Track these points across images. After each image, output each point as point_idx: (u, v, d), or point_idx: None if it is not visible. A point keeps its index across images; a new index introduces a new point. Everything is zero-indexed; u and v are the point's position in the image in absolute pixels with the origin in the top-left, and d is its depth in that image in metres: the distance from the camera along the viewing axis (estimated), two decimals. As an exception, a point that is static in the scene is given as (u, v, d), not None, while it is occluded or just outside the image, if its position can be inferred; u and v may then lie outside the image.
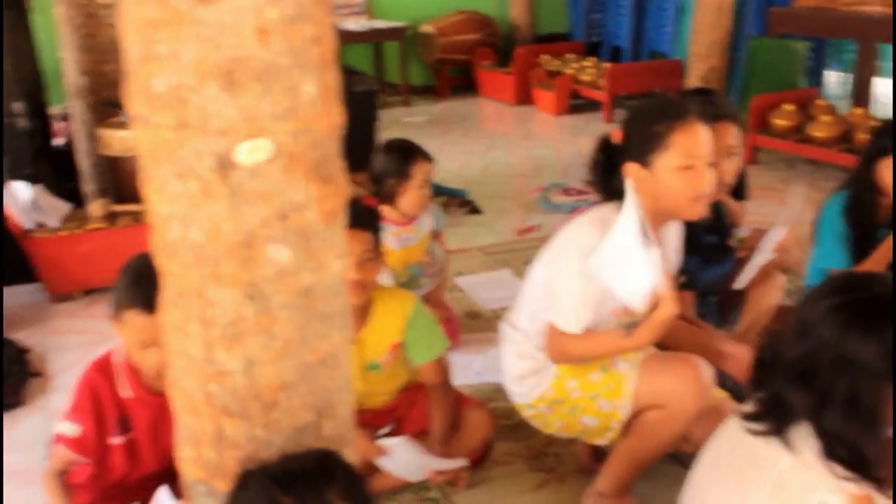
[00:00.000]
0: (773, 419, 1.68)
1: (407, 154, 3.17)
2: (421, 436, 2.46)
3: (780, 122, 5.86)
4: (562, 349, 2.22)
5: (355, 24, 8.06)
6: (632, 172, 2.16)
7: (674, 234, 2.39)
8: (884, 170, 3.04)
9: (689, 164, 2.10)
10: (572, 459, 2.64)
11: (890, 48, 8.87)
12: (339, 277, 1.36)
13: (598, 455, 2.50)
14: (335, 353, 1.40)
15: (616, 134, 2.23)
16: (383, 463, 2.35)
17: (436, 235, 3.43)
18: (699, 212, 2.17)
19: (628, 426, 2.26)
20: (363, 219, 2.25)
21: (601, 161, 2.27)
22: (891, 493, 1.63)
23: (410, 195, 3.18)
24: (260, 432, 1.37)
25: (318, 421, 1.42)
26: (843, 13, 6.14)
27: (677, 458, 2.48)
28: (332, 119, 1.29)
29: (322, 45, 1.24)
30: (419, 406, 2.51)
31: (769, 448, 1.67)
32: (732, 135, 2.77)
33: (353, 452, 1.51)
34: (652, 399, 2.19)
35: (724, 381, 2.46)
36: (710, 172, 2.14)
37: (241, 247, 1.26)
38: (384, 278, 3.11)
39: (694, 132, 2.10)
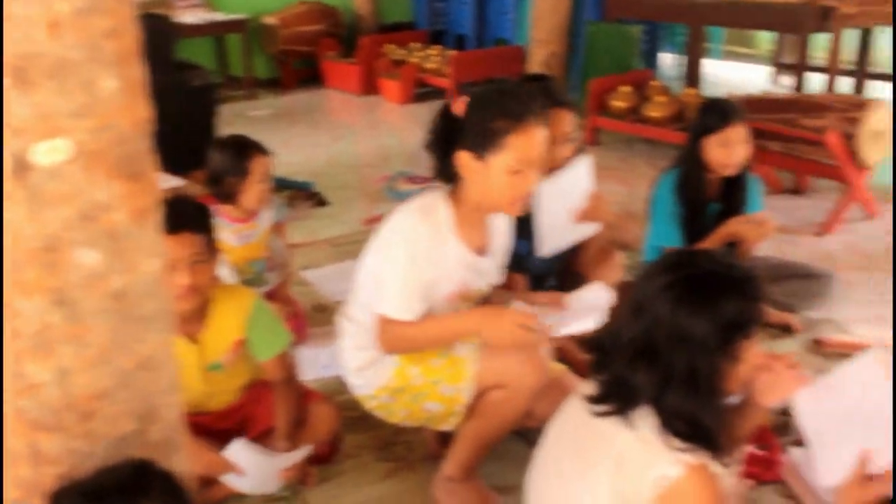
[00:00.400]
0: (616, 400, 1.72)
1: (242, 150, 3.10)
2: (267, 434, 2.42)
3: (617, 103, 6.04)
4: (393, 338, 2.22)
5: (194, 17, 7.84)
6: (464, 161, 2.16)
7: (503, 219, 2.42)
8: (709, 147, 3.17)
9: (521, 168, 2.12)
10: (422, 447, 2.66)
11: (718, 30, 9.29)
12: (154, 278, 1.31)
13: (447, 440, 2.52)
14: (155, 356, 1.36)
15: (459, 105, 2.18)
16: (232, 481, 2.31)
17: (277, 228, 3.38)
18: (517, 211, 2.24)
19: (472, 408, 2.28)
20: (191, 219, 2.18)
21: (439, 128, 2.23)
22: (725, 459, 1.71)
23: (251, 191, 3.11)
24: (78, 445, 1.31)
25: (141, 428, 1.37)
26: (672, -2, 6.38)
27: (522, 436, 2.52)
28: (136, 114, 1.24)
29: (120, 37, 1.19)
30: (265, 404, 2.47)
31: (610, 425, 1.71)
32: (567, 121, 2.83)
33: (183, 458, 1.47)
34: (493, 379, 2.22)
35: (561, 355, 2.52)
36: (537, 175, 2.18)
37: (44, 251, 1.20)
38: (227, 276, 3.05)
39: (531, 136, 2.12)
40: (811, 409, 1.93)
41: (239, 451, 2.30)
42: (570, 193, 2.85)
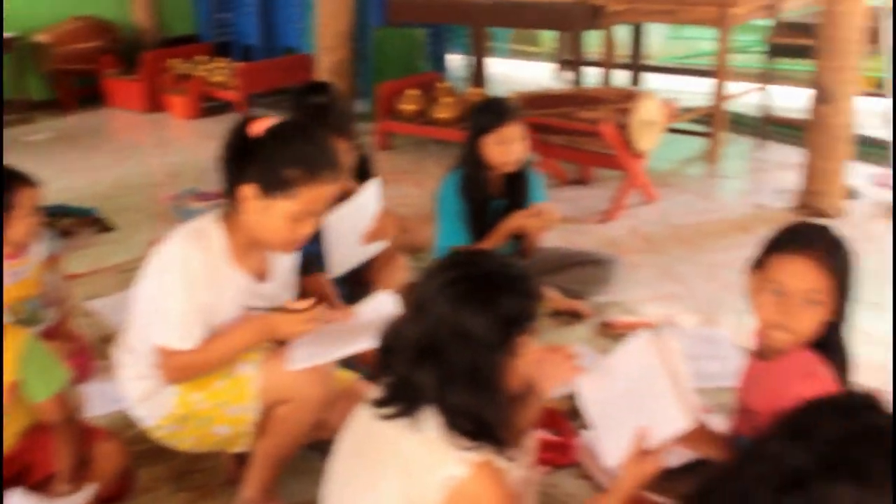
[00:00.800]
0: (402, 402, 1.73)
1: (4, 183, 2.90)
2: (50, 480, 2.29)
3: (406, 106, 6.12)
4: (175, 369, 2.16)
5: (-48, 37, 7.32)
6: (247, 194, 2.09)
7: None
8: (487, 146, 3.25)
9: (304, 218, 2.11)
10: (220, 472, 2.59)
11: (503, 30, 9.55)
12: None
13: (245, 462, 2.46)
14: None
15: (257, 127, 2.10)
16: None
17: (50, 262, 3.19)
18: (289, 252, 2.26)
19: (261, 427, 2.25)
20: None
21: (232, 147, 2.14)
22: (511, 452, 1.75)
23: (18, 226, 2.92)
24: None
25: None
26: (452, 1, 6.50)
27: (318, 449, 2.49)
28: None
29: None
30: (45, 448, 2.33)
31: (396, 430, 1.72)
32: (344, 151, 2.79)
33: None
34: (277, 395, 2.20)
35: (352, 363, 2.50)
36: (317, 223, 2.17)
37: None
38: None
39: (323, 191, 2.10)
40: (592, 392, 2.02)
41: None
42: (358, 219, 2.89)
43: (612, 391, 1.97)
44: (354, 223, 2.90)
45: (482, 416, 1.69)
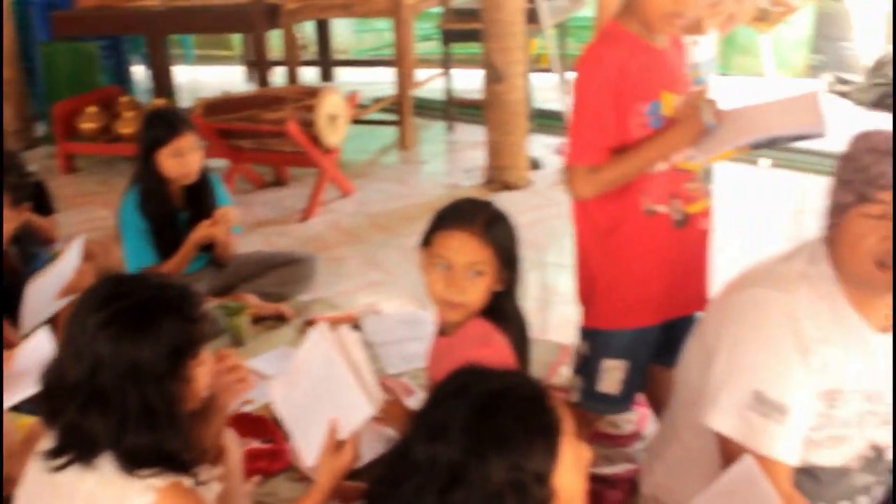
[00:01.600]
0: (76, 450, 1.62)
1: None
2: None
3: (86, 125, 5.78)
4: None
5: None
6: None
7: None
8: (162, 159, 3.15)
9: None
10: None
11: (185, 37, 9.27)
12: None
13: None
14: None
15: None
16: None
17: None
18: None
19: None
20: None
21: None
22: (199, 472, 1.69)
23: None
24: None
25: None
26: (122, 11, 6.23)
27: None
28: None
29: None
30: None
31: (71, 475, 1.61)
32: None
33: None
34: None
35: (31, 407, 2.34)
36: None
37: None
38: None
39: None
40: (282, 395, 2.02)
41: None
42: (58, 279, 2.73)
43: (299, 391, 1.98)
44: (53, 284, 2.74)
45: (161, 448, 1.62)
